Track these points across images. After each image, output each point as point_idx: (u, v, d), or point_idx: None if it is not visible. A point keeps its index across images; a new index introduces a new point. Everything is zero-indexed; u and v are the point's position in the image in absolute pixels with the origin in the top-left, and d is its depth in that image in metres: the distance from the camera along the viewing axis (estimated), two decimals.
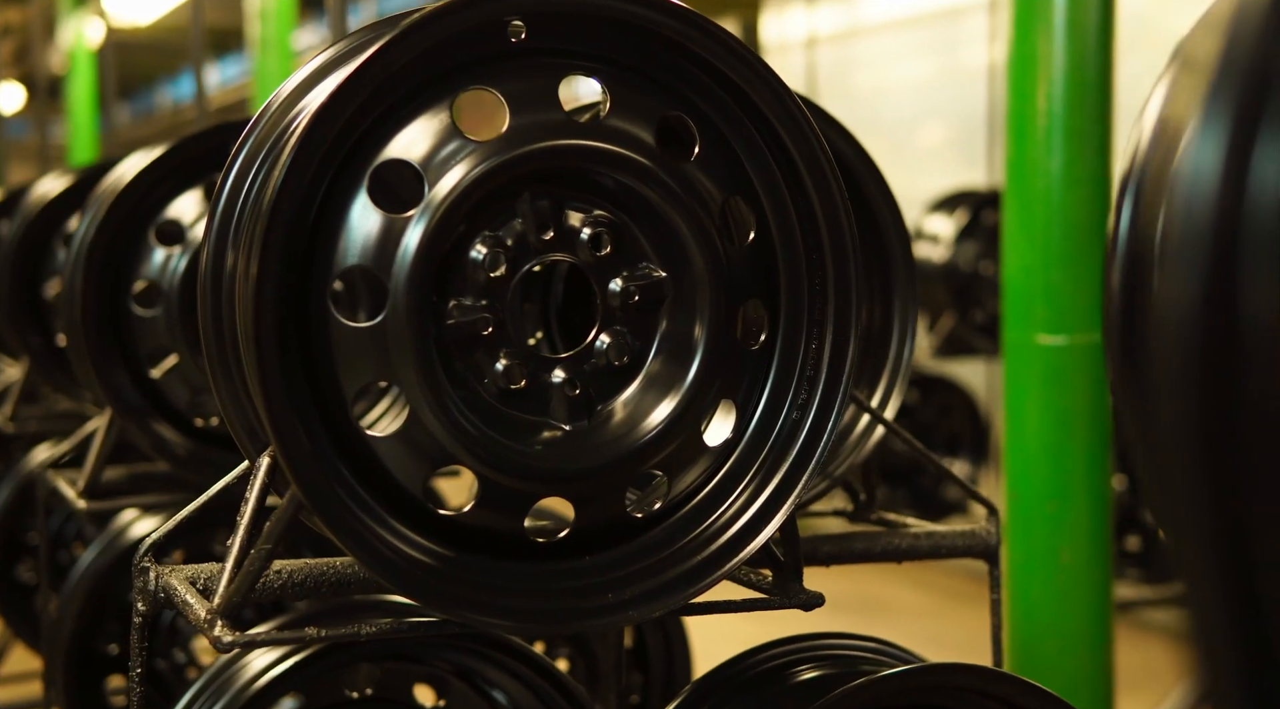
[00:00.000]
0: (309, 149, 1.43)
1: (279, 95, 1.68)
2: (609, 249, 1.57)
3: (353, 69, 1.44)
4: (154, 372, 2.62)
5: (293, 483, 1.45)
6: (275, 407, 1.45)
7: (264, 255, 1.43)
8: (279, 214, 1.43)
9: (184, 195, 2.64)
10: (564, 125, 1.52)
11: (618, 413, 1.58)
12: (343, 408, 1.51)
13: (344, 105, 1.45)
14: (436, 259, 1.50)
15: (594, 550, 1.60)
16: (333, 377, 1.50)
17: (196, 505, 1.79)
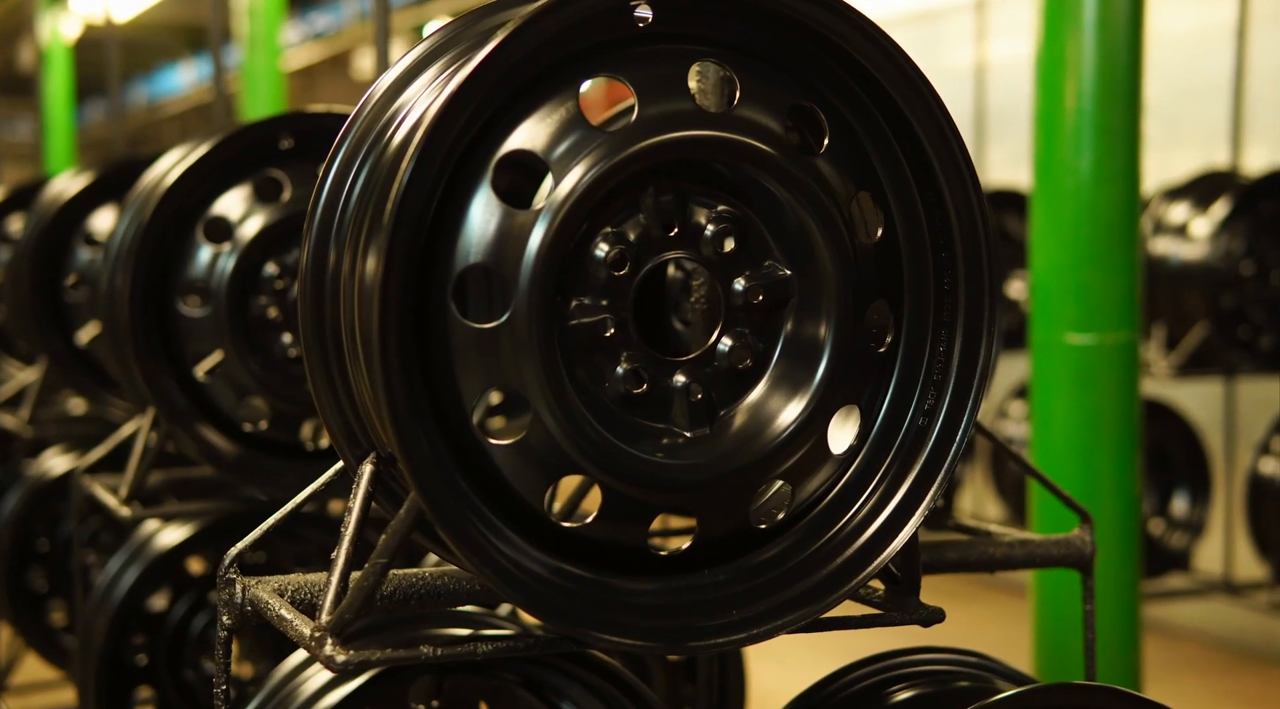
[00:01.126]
0: (436, 143, 1.35)
1: (374, 94, 1.60)
2: (733, 246, 1.50)
3: (480, 59, 1.36)
4: (201, 374, 2.53)
5: (417, 495, 1.37)
6: (400, 413, 1.36)
7: (389, 254, 1.34)
8: (406, 211, 1.35)
9: (230, 191, 2.56)
10: (694, 115, 1.44)
11: (740, 419, 1.51)
12: (461, 414, 1.43)
13: (471, 96, 1.37)
14: (562, 257, 1.42)
15: (716, 563, 1.52)
16: (450, 381, 1.42)
17: (282, 514, 1.71)
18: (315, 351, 1.57)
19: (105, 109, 20.23)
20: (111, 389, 3.57)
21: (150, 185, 2.67)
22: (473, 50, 1.55)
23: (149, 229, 2.44)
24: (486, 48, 1.36)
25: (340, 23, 13.60)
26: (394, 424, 1.36)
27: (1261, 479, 5.71)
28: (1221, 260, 5.19)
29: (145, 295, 2.48)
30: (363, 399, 1.54)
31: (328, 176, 1.57)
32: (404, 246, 1.36)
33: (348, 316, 1.52)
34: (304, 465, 2.61)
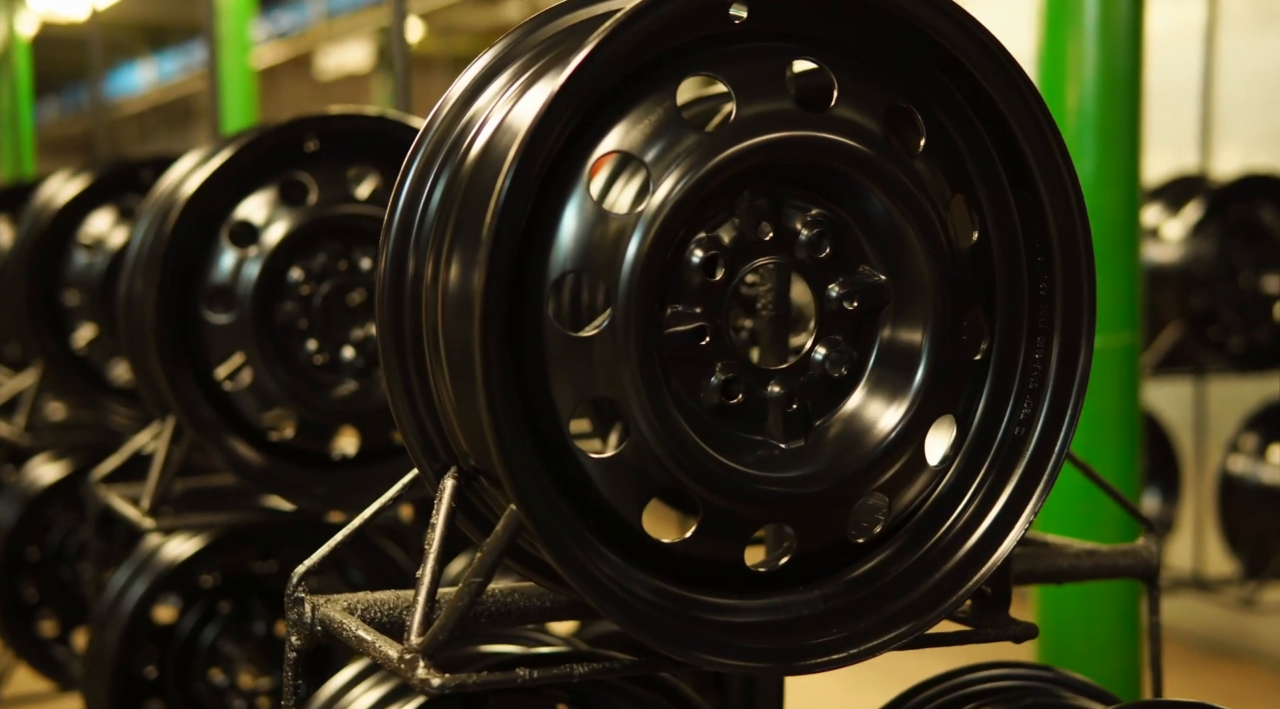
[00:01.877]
0: (535, 149, 1.29)
1: (446, 101, 1.54)
2: (829, 250, 1.45)
3: (578, 61, 1.30)
4: (226, 382, 2.45)
5: (520, 511, 1.31)
6: (503, 426, 1.30)
7: (491, 264, 1.29)
8: (506, 220, 1.30)
9: (254, 195, 2.48)
10: (793, 115, 1.39)
11: (837, 430, 1.46)
12: (555, 426, 1.37)
13: (569, 100, 1.31)
14: (661, 263, 1.37)
15: (811, 579, 1.47)
16: (545, 391, 1.36)
17: (350, 530, 1.65)
18: (393, 361, 1.51)
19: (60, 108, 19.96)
20: (109, 394, 3.48)
21: (169, 190, 2.59)
22: (544, 56, 1.50)
23: (173, 235, 2.37)
24: (584, 49, 1.30)
25: (304, 22, 13.46)
26: (496, 437, 1.30)
27: (1231, 477, 5.77)
28: (1193, 263, 5.24)
29: (169, 302, 2.40)
30: (444, 410, 1.48)
31: (403, 186, 1.51)
32: (505, 255, 1.30)
33: (430, 325, 1.46)
34: (332, 475, 2.54)
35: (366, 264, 2.55)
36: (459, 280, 1.41)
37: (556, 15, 1.56)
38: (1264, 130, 6.13)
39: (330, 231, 2.51)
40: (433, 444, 1.52)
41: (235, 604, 3.12)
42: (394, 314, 1.50)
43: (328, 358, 2.54)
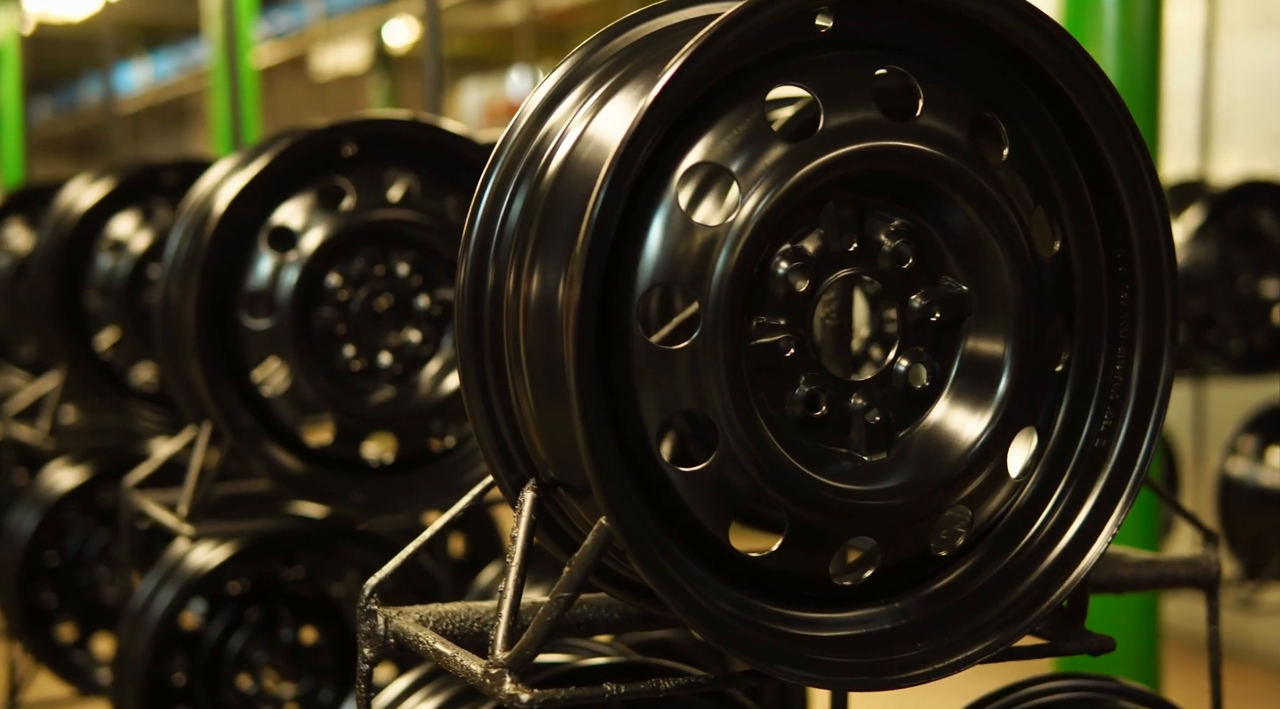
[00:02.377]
0: (628, 163, 1.28)
1: (522, 115, 1.53)
2: (912, 261, 1.44)
3: (672, 73, 1.28)
4: (265, 388, 2.43)
5: (613, 525, 1.29)
6: (596, 439, 1.29)
7: (586, 279, 1.27)
8: (600, 235, 1.28)
9: (292, 200, 2.46)
10: (880, 125, 1.37)
11: (920, 442, 1.45)
12: (642, 438, 1.35)
13: (660, 114, 1.29)
14: (750, 275, 1.35)
15: (894, 593, 1.46)
16: (632, 404, 1.35)
17: (423, 540, 1.63)
18: (471, 372, 1.49)
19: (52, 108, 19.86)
20: (132, 399, 3.45)
21: (206, 195, 2.56)
22: (619, 69, 1.49)
23: (214, 241, 2.34)
24: (676, 62, 1.29)
25: (301, 23, 13.41)
26: (589, 450, 1.28)
27: (1230, 479, 5.81)
28: (1192, 267, 5.28)
29: (208, 308, 2.37)
30: (523, 420, 1.46)
31: (481, 199, 1.50)
32: (599, 268, 1.29)
33: (511, 335, 1.44)
34: (370, 481, 2.52)
35: (404, 270, 2.53)
36: (543, 292, 1.40)
37: (624, 29, 1.55)
38: (1264, 134, 6.14)
39: (368, 237, 2.49)
40: (509, 455, 1.50)
41: (262, 610, 3.09)
42: (473, 324, 1.49)
43: (365, 363, 2.52)
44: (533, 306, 1.41)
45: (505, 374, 1.47)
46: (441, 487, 2.54)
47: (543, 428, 1.43)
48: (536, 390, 1.42)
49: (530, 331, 1.42)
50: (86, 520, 3.97)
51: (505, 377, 1.47)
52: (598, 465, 1.29)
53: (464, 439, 2.58)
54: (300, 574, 3.10)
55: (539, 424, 1.44)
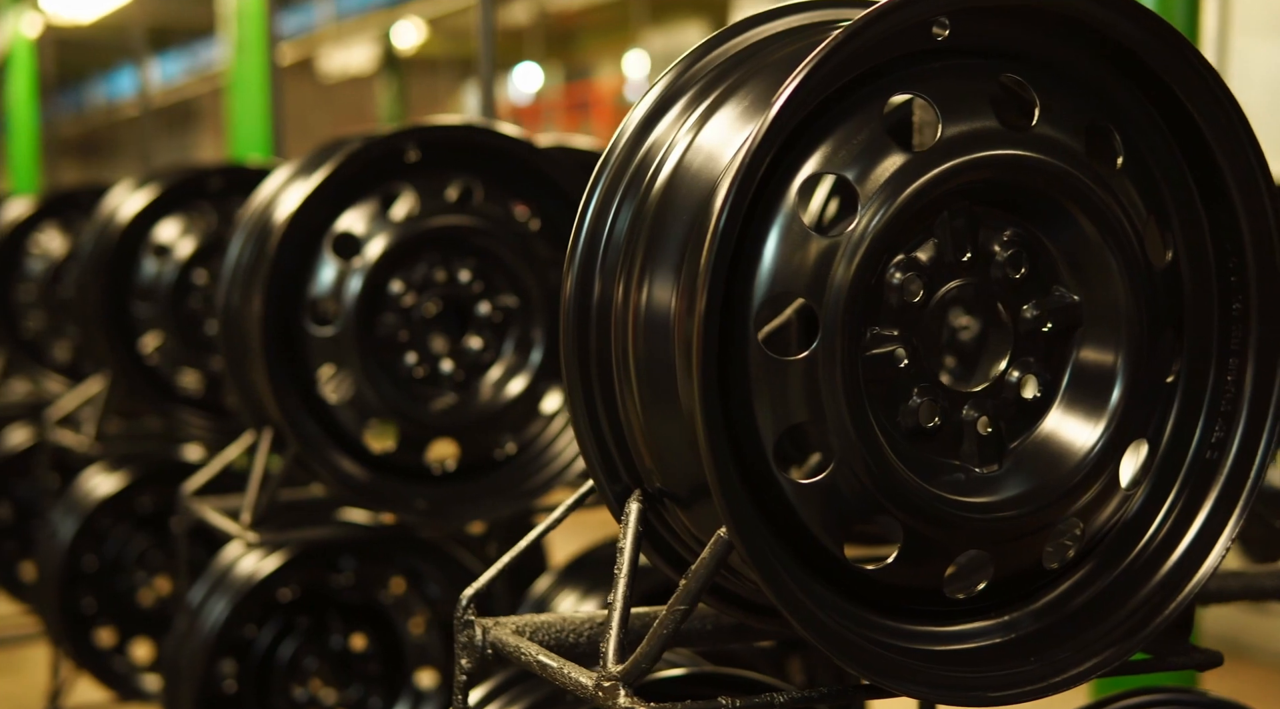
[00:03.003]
0: (750, 176, 1.27)
1: (626, 128, 1.52)
2: (1024, 271, 1.43)
3: (794, 85, 1.26)
4: (331, 396, 2.41)
5: (735, 538, 1.28)
6: (717, 450, 1.27)
7: (711, 291, 1.26)
8: (722, 247, 1.27)
9: (355, 207, 2.44)
10: (998, 134, 1.36)
11: (1030, 453, 1.43)
12: (758, 450, 1.34)
13: (780, 128, 1.28)
14: (868, 286, 1.34)
15: (1003, 606, 1.44)
16: (748, 415, 1.33)
17: (520, 549, 1.62)
18: (576, 381, 1.48)
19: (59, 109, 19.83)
20: (178, 403, 3.44)
21: (267, 202, 2.55)
22: (720, 83, 1.48)
23: (280, 249, 2.33)
24: (799, 75, 1.27)
25: (309, 25, 13.39)
26: (714, 461, 1.27)
27: None
28: None
29: (274, 316, 2.36)
30: (630, 430, 1.45)
31: (587, 211, 1.49)
32: (721, 281, 1.28)
33: (620, 346, 1.43)
34: (433, 489, 2.51)
35: (465, 276, 2.52)
36: (654, 303, 1.39)
37: (721, 42, 1.54)
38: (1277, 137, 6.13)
39: (430, 243, 2.47)
40: (613, 465, 1.49)
41: (312, 617, 3.08)
42: (579, 335, 1.47)
43: (427, 370, 2.51)
44: (643, 317, 1.40)
45: (611, 384, 1.46)
46: (504, 494, 2.53)
47: (650, 438, 1.42)
48: (645, 400, 1.41)
49: (640, 342, 1.41)
50: (125, 526, 3.95)
51: (611, 386, 1.46)
52: (721, 477, 1.28)
53: (525, 446, 2.57)
54: (349, 580, 3.09)
55: (647, 434, 1.42)
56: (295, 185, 2.53)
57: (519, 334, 2.55)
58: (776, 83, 1.44)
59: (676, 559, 1.53)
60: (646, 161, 1.48)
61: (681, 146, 1.45)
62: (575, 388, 1.48)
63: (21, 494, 5.06)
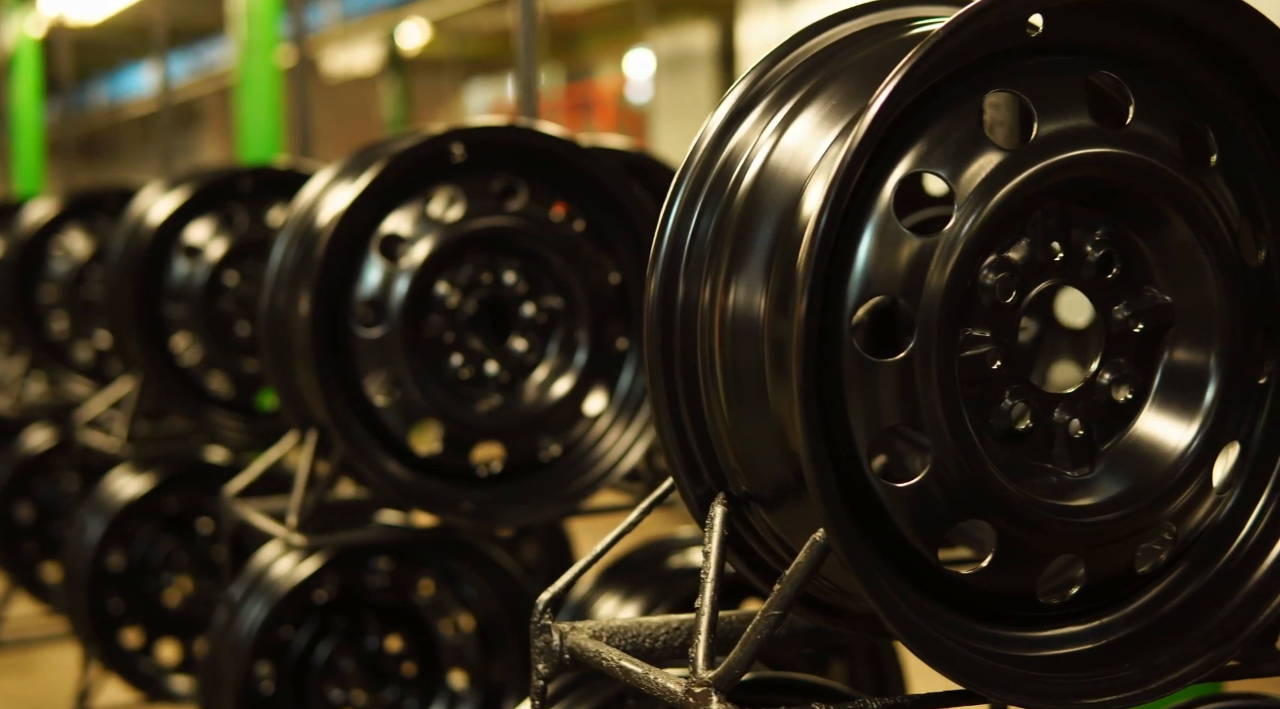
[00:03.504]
0: (849, 179, 1.25)
1: (707, 131, 1.50)
2: (1116, 271, 1.41)
3: (892, 86, 1.24)
4: (379, 398, 2.39)
5: (835, 542, 1.26)
6: (817, 452, 1.26)
7: (811, 293, 1.24)
8: (823, 248, 1.25)
9: (402, 208, 2.42)
10: (1093, 132, 1.34)
11: (1122, 456, 1.41)
12: (851, 453, 1.32)
13: (880, 124, 1.26)
14: (966, 285, 1.32)
15: (1098, 611, 1.43)
16: (841, 418, 1.31)
17: (599, 551, 1.60)
18: (660, 383, 1.46)
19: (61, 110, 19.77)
20: (210, 405, 3.41)
21: (311, 204, 2.53)
22: (801, 85, 1.46)
23: (329, 250, 2.31)
24: (897, 75, 1.25)
25: (314, 26, 13.35)
26: (814, 464, 1.25)
27: None
28: None
29: (323, 317, 2.34)
30: (716, 432, 1.43)
31: (669, 215, 1.47)
32: (821, 284, 1.26)
33: (706, 348, 1.41)
34: (479, 491, 2.48)
35: (510, 277, 2.50)
36: (741, 305, 1.37)
37: (795, 46, 1.52)
38: None
39: (476, 244, 2.45)
40: (697, 468, 1.47)
41: (348, 619, 3.05)
42: (663, 338, 1.46)
43: (473, 372, 2.49)
44: (730, 320, 1.38)
45: (695, 385, 1.44)
46: (550, 496, 2.51)
47: (736, 439, 1.40)
48: (731, 402, 1.39)
49: (727, 344, 1.39)
50: (152, 527, 3.93)
51: (695, 388, 1.44)
52: (821, 480, 1.26)
53: (570, 448, 2.55)
54: (384, 582, 3.06)
55: (732, 436, 1.41)
56: (339, 187, 2.51)
57: (563, 335, 2.53)
58: (861, 84, 1.42)
59: (757, 563, 1.51)
60: (729, 165, 1.47)
61: (764, 150, 1.43)
62: (659, 390, 1.46)
63: (42, 495, 5.04)
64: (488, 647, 3.08)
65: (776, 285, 1.34)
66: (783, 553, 1.47)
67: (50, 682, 5.06)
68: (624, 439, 2.55)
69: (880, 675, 2.71)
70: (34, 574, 5.02)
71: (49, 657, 5.28)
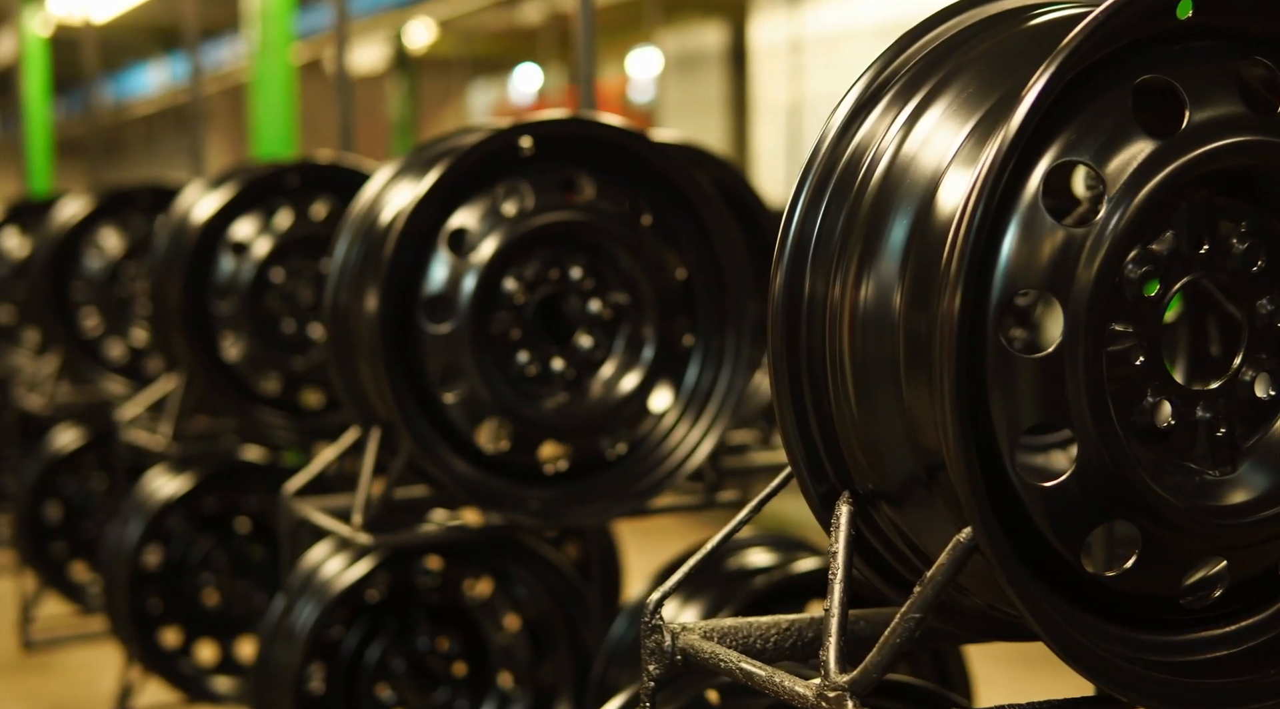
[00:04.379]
0: (1005, 164, 1.20)
1: (831, 126, 1.45)
2: (1262, 263, 1.36)
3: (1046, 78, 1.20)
4: (448, 395, 2.34)
5: (982, 541, 1.21)
6: (968, 453, 1.21)
7: (964, 287, 1.19)
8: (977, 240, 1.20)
9: (470, 203, 2.37)
10: (1246, 119, 1.29)
11: (1265, 454, 1.37)
12: (993, 451, 1.27)
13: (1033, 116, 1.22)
14: (1115, 278, 1.27)
15: (1238, 615, 1.38)
16: (984, 415, 1.26)
17: (709, 549, 1.55)
18: (784, 377, 1.41)
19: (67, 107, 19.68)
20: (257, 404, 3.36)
21: (374, 199, 2.48)
22: (929, 76, 1.41)
23: (398, 246, 2.26)
24: (1051, 65, 1.20)
25: (324, 25, 13.29)
26: (963, 462, 1.20)
27: None
28: None
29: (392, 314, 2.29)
30: (844, 431, 1.38)
31: (795, 209, 1.43)
32: (973, 278, 1.21)
33: (834, 344, 1.37)
34: (545, 489, 2.44)
35: (577, 273, 2.45)
36: (875, 301, 1.33)
37: (918, 36, 1.47)
38: None
39: (544, 239, 2.40)
40: (820, 465, 1.42)
41: (399, 619, 3.01)
42: (788, 333, 1.41)
43: (539, 369, 2.44)
44: (861, 314, 1.34)
45: (822, 381, 1.39)
46: (616, 495, 2.46)
47: (865, 436, 1.36)
48: (861, 397, 1.34)
49: (857, 339, 1.34)
50: (188, 527, 3.88)
51: (821, 384, 1.39)
52: (970, 479, 1.21)
53: (636, 445, 2.50)
54: (434, 581, 3.02)
55: (860, 432, 1.36)
56: (403, 184, 2.46)
57: (629, 331, 2.48)
58: (994, 74, 1.37)
59: (880, 562, 1.46)
60: (856, 158, 1.42)
61: (893, 143, 1.38)
62: (783, 384, 1.41)
63: (69, 494, 4.98)
64: (538, 647, 3.04)
65: (913, 280, 1.30)
66: (908, 551, 1.42)
67: (79, 682, 5.01)
68: (691, 436, 2.51)
69: (943, 673, 2.67)
70: (64, 574, 4.97)
71: (78, 657, 5.23)
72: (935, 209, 1.31)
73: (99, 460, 4.92)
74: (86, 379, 4.47)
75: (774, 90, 9.41)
